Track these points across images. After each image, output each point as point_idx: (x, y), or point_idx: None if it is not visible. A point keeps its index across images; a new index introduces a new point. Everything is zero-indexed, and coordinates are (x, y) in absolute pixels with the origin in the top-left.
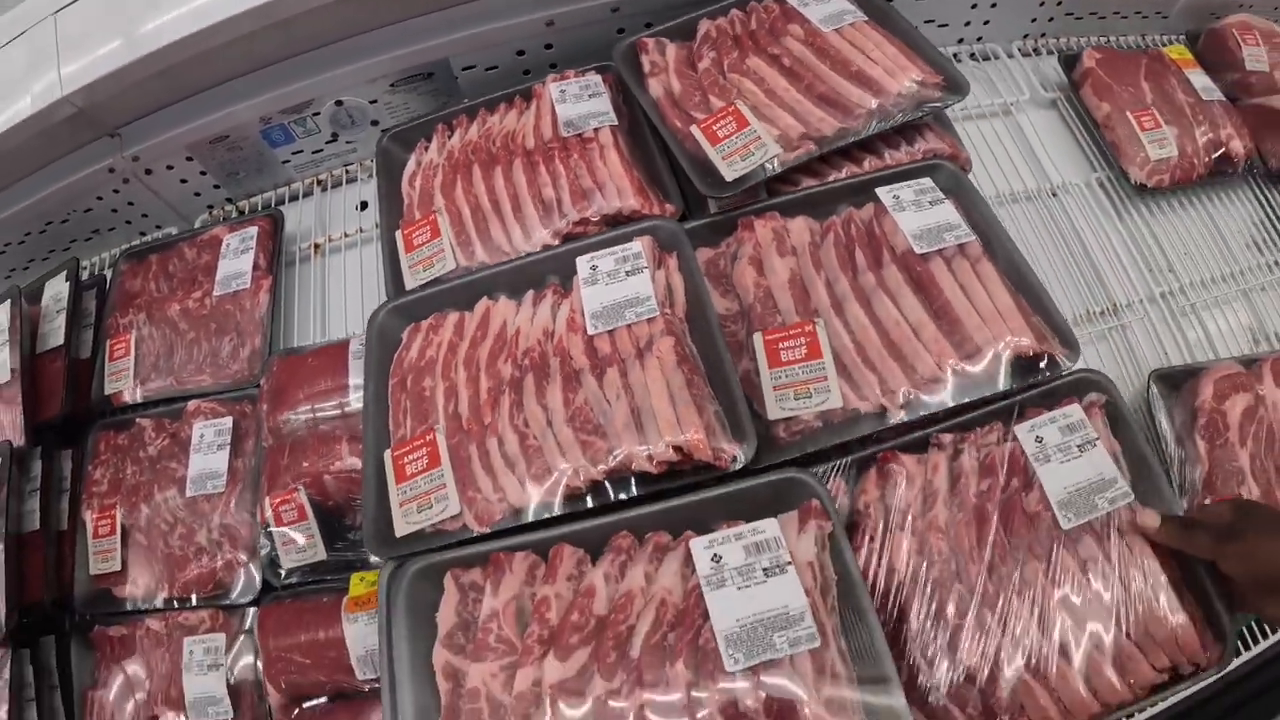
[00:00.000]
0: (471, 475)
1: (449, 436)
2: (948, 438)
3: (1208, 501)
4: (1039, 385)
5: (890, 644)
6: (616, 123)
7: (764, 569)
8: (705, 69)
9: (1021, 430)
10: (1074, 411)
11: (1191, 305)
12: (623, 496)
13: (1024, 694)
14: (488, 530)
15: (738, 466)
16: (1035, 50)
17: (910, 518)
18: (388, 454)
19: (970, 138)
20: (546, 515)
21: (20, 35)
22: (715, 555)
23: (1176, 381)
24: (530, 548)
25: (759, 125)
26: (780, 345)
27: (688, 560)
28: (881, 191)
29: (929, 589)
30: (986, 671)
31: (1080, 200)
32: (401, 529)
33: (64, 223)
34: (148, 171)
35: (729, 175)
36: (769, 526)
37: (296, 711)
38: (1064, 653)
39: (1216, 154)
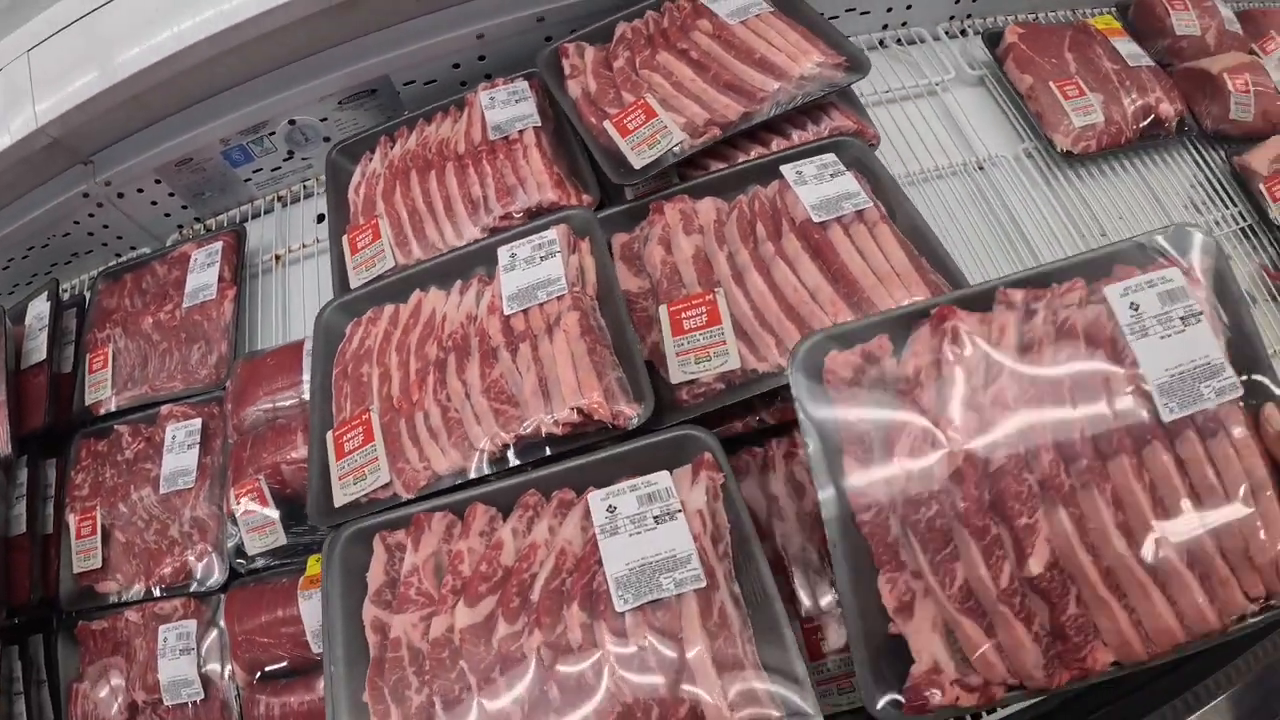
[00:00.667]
0: (401, 448)
1: (382, 415)
2: (1018, 294)
3: None
4: None
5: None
6: (540, 124)
7: (655, 517)
8: (619, 68)
9: (1113, 293)
10: (1175, 276)
11: None
12: (533, 459)
13: (1099, 612)
14: (413, 496)
15: (634, 425)
16: (962, 31)
17: (971, 389)
18: (329, 434)
19: (895, 120)
20: (464, 479)
21: None
22: (611, 506)
23: None
24: (449, 509)
25: (666, 115)
26: (683, 315)
27: (588, 514)
28: (785, 169)
29: (993, 475)
30: (1059, 582)
31: (1008, 172)
32: (340, 500)
33: (44, 247)
34: (120, 195)
35: (637, 163)
36: (661, 478)
37: (258, 684)
38: (1149, 569)
39: (1147, 119)
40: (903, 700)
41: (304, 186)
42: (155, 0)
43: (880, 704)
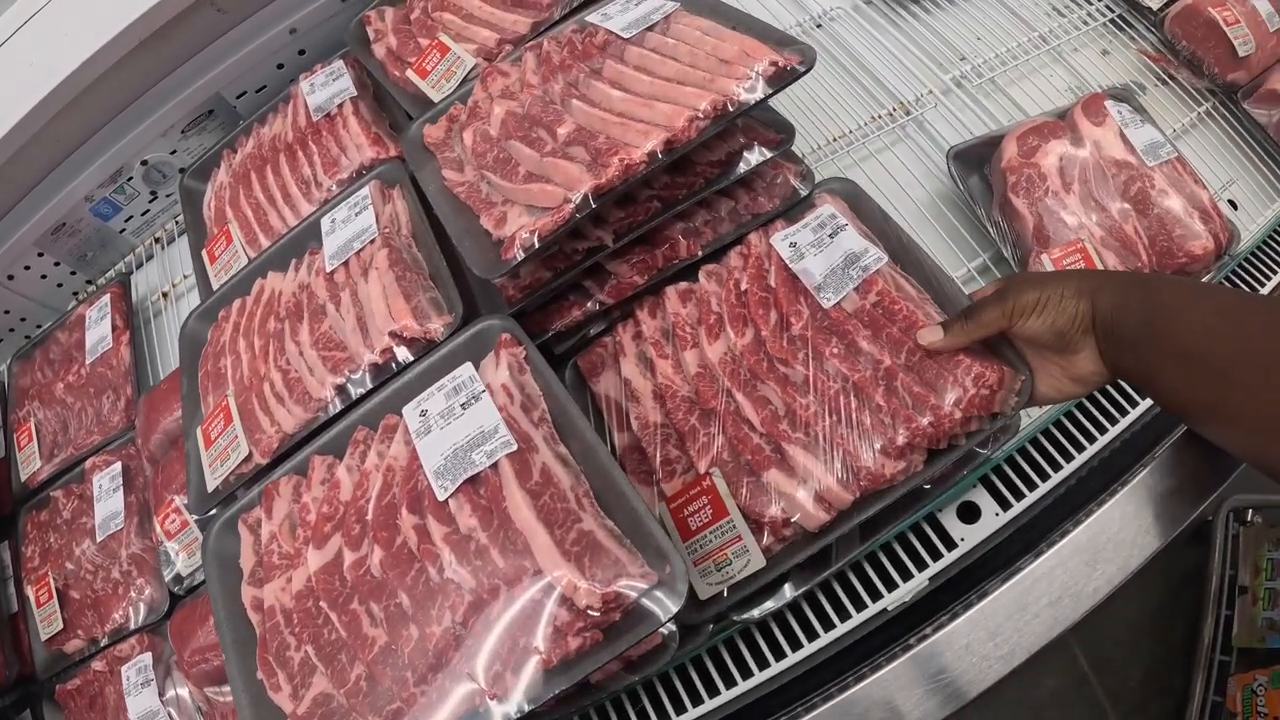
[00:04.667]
0: (256, 421)
1: (238, 397)
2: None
3: (1043, 257)
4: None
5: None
6: (357, 94)
7: (461, 405)
8: (416, 18)
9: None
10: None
11: (992, 82)
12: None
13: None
14: (269, 460)
15: (444, 335)
16: None
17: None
18: (198, 429)
19: None
20: (307, 431)
21: None
22: (423, 411)
23: (982, 155)
24: (294, 471)
25: (458, 47)
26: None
27: (407, 432)
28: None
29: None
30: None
31: (848, 23)
32: (211, 484)
33: None
34: (10, 277)
35: (437, 98)
36: (464, 370)
37: (215, 697)
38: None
39: None
40: None
41: (176, 223)
42: None
43: None
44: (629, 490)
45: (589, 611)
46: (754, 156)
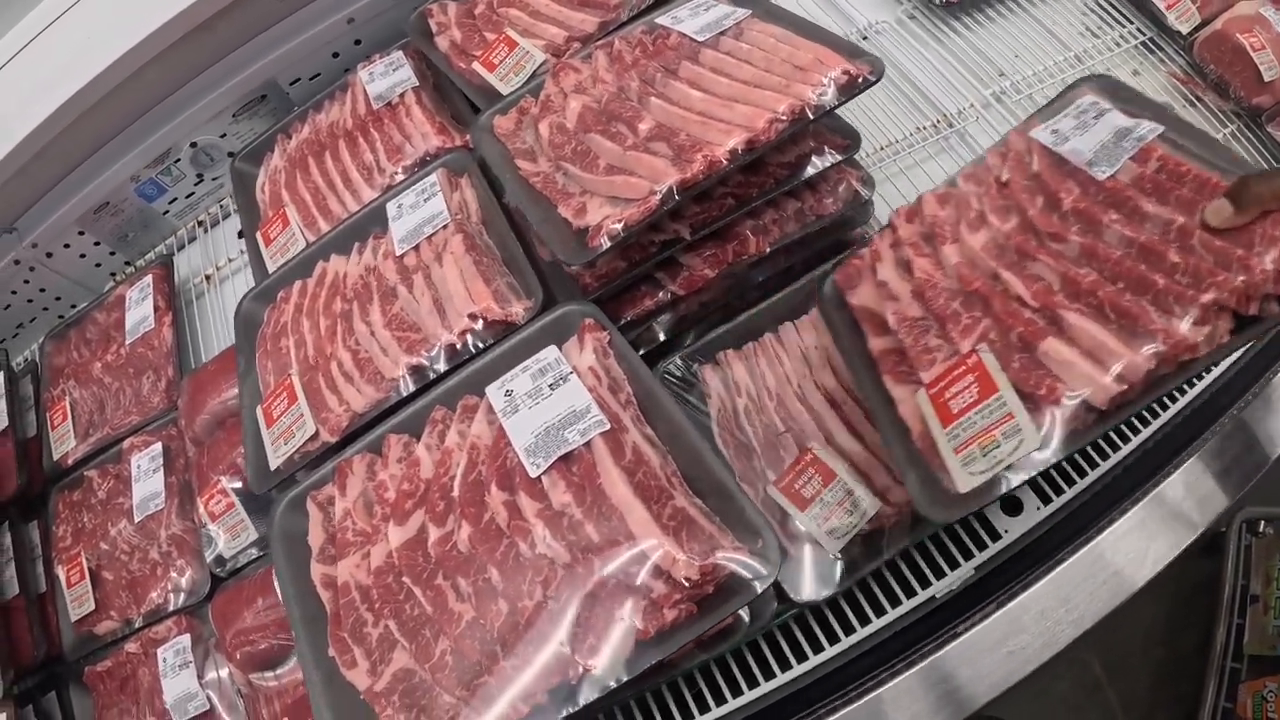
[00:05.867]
0: (322, 400)
1: (302, 376)
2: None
3: None
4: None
5: None
6: (419, 84)
7: (549, 385)
8: (481, 13)
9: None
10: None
11: (1030, 98)
12: (438, 376)
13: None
14: (338, 438)
15: (525, 319)
16: None
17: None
18: (259, 408)
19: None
20: (381, 410)
21: None
22: (508, 391)
23: None
24: (367, 449)
25: (526, 42)
26: None
27: (490, 409)
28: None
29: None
30: None
31: (893, 37)
32: (274, 462)
33: None
34: (49, 255)
35: (505, 90)
36: (548, 352)
37: (257, 679)
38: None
39: None
40: None
41: (221, 207)
42: (37, 61)
43: None
44: (718, 467)
45: (686, 583)
46: (822, 160)
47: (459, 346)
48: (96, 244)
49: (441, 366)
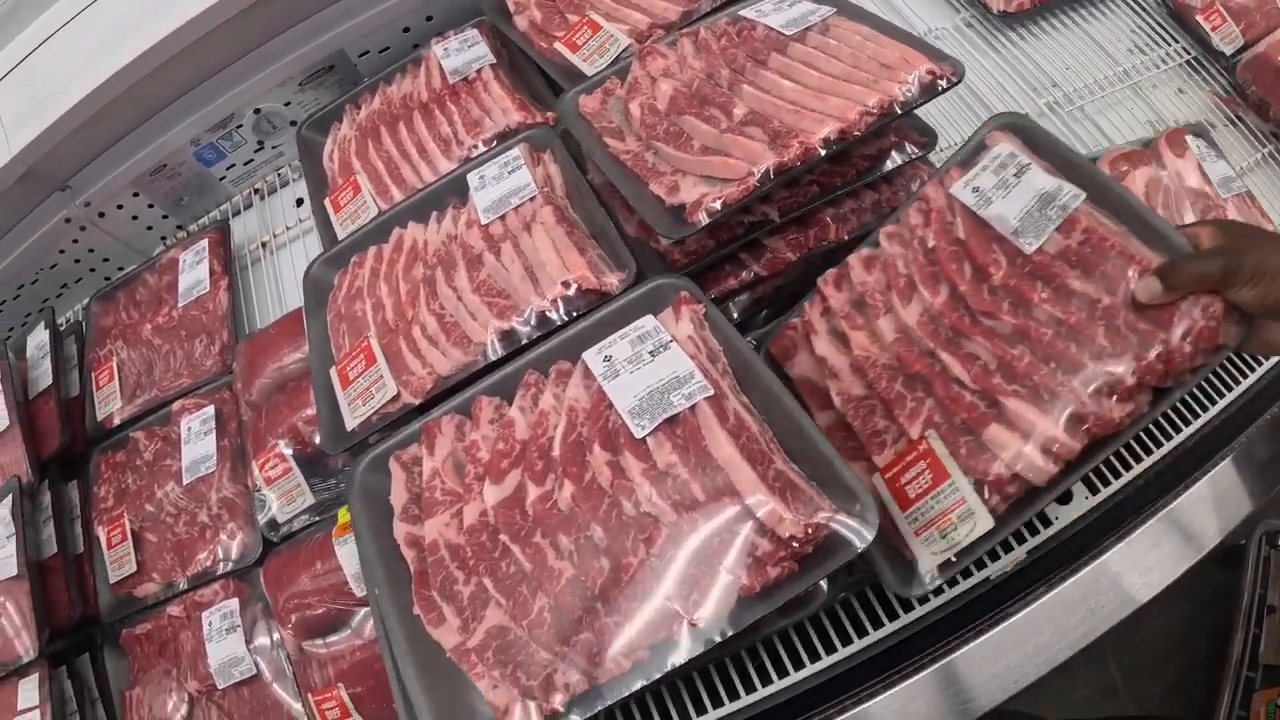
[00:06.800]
0: (404, 362)
1: (380, 339)
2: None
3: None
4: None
5: None
6: (495, 61)
7: (650, 352)
8: None
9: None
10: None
11: (1081, 109)
12: (529, 340)
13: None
14: (421, 400)
15: (620, 289)
16: None
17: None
18: (332, 369)
19: None
20: (468, 373)
21: None
22: (606, 356)
23: None
24: (455, 411)
25: (610, 26)
26: None
27: (587, 373)
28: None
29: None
30: None
31: (951, 43)
32: (351, 424)
33: (34, 283)
34: (101, 215)
35: (590, 71)
36: (646, 320)
37: (307, 645)
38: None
39: None
40: None
41: (278, 175)
42: (106, 17)
43: None
44: (815, 433)
45: (791, 542)
46: (901, 155)
47: (551, 314)
48: (150, 206)
49: (533, 332)
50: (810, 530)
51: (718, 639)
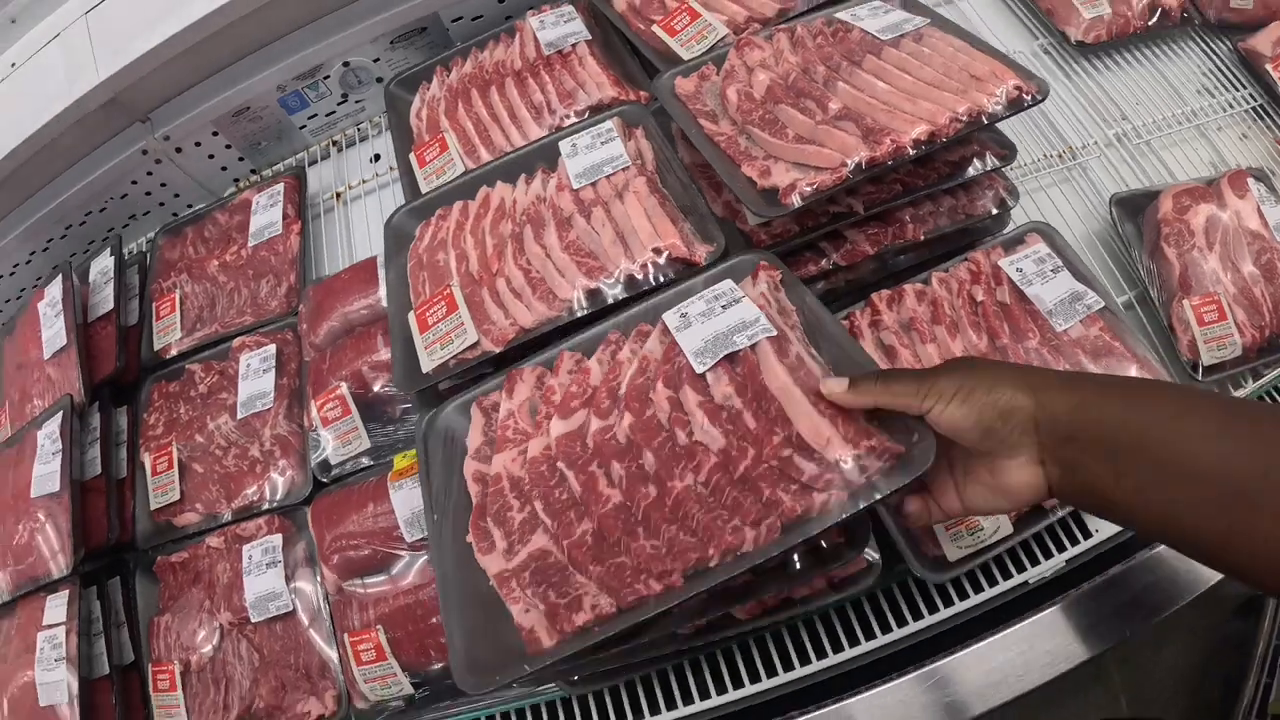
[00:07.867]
0: (485, 312)
1: (463, 288)
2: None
3: (1184, 302)
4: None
5: None
6: (590, 38)
7: (722, 306)
8: None
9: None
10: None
11: (1148, 144)
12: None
13: None
14: (501, 349)
15: (709, 260)
16: None
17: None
18: (410, 314)
19: None
20: (552, 327)
21: (56, 37)
22: (683, 314)
23: (1138, 205)
24: (539, 364)
25: (708, 15)
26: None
27: (665, 330)
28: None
29: None
30: None
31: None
32: (427, 365)
33: (102, 211)
34: (178, 150)
35: (687, 56)
36: (724, 284)
37: (347, 587)
38: None
39: (1155, 16)
40: None
41: (358, 130)
42: None
43: None
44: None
45: (840, 465)
46: (982, 164)
47: (639, 277)
48: (227, 147)
49: (620, 293)
50: (862, 451)
51: (760, 560)
